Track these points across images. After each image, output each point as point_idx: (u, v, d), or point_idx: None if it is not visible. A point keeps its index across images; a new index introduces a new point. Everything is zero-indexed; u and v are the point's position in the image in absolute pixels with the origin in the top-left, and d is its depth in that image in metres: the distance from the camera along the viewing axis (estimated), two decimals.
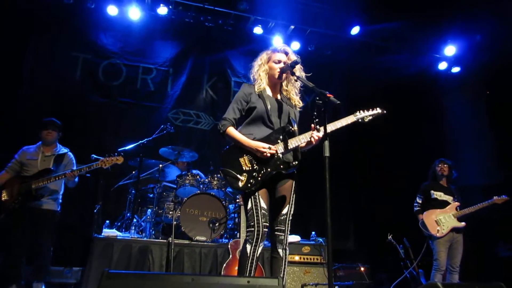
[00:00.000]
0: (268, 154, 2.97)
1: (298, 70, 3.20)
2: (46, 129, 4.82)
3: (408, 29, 7.80)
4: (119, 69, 7.55)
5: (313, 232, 6.28)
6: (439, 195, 5.41)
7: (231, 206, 6.08)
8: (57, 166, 4.77)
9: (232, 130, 3.13)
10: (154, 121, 7.28)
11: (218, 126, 3.19)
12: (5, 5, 6.49)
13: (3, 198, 4.49)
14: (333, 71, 8.63)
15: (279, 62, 3.23)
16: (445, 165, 5.53)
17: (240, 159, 3.07)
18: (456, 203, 5.31)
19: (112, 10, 6.99)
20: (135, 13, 7.06)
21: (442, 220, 5.22)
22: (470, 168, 7.11)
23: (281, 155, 3.05)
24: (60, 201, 4.83)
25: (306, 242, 5.83)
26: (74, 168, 4.76)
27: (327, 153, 2.62)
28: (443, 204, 5.34)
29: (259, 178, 2.99)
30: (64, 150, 4.95)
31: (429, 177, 5.68)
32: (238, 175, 3.02)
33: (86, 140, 6.85)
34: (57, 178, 4.56)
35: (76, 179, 4.78)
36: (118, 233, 5.38)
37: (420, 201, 5.51)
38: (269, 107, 3.16)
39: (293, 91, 3.35)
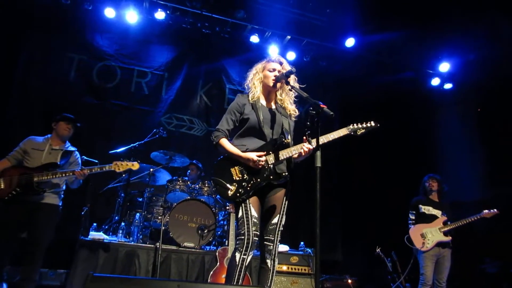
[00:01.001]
0: (260, 165, 2.97)
1: (293, 80, 3.22)
2: (67, 124, 4.56)
3: (403, 44, 7.89)
4: (114, 71, 7.53)
5: (302, 243, 6.27)
6: (427, 209, 5.43)
7: (220, 213, 6.06)
8: (64, 162, 4.47)
9: (224, 142, 3.14)
10: (147, 125, 7.25)
11: (211, 137, 3.20)
12: (2, 4, 6.45)
13: None
14: (327, 82, 8.69)
15: (274, 70, 3.26)
16: (434, 181, 5.57)
17: (231, 169, 3.08)
18: (444, 217, 5.34)
19: (109, 13, 6.98)
20: (132, 17, 7.06)
21: (428, 234, 5.24)
22: (460, 184, 7.16)
23: (272, 166, 3.05)
24: (62, 196, 4.51)
25: (294, 252, 5.82)
26: (78, 169, 4.49)
27: (318, 163, 2.62)
28: (430, 219, 5.36)
29: (249, 188, 3.00)
30: (72, 148, 4.69)
31: (420, 192, 5.71)
32: (228, 185, 3.03)
33: (77, 141, 6.78)
34: (63, 175, 4.25)
35: (81, 181, 4.50)
36: (105, 236, 5.32)
37: (413, 217, 5.50)
38: (261, 118, 3.17)
39: (287, 100, 3.36)
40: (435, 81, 8.41)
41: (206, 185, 6.19)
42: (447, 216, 5.37)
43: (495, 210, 5.21)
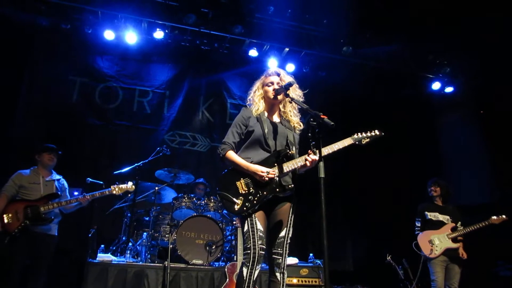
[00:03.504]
0: (266, 178, 2.97)
1: (293, 92, 3.23)
2: (49, 154, 4.75)
3: (401, 50, 7.91)
4: (115, 92, 7.61)
5: (311, 254, 6.22)
6: (433, 215, 5.36)
7: (228, 228, 6.03)
8: (60, 191, 4.75)
9: (231, 154, 3.14)
10: (150, 143, 7.29)
11: (218, 150, 3.21)
12: (4, 29, 6.56)
13: (6, 221, 4.31)
14: (328, 92, 8.70)
15: (272, 83, 3.26)
16: (436, 186, 5.51)
17: (237, 182, 3.07)
18: (451, 223, 5.27)
19: (108, 35, 7.05)
20: (131, 38, 7.13)
21: (436, 241, 5.17)
22: (465, 188, 7.11)
23: (277, 179, 3.04)
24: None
25: (304, 264, 5.78)
26: (67, 193, 4.82)
27: (322, 174, 2.61)
28: (438, 225, 5.29)
29: (255, 202, 2.99)
30: (58, 176, 4.89)
31: (427, 198, 5.66)
32: (234, 199, 3.01)
33: (82, 162, 6.85)
34: (68, 203, 4.55)
35: (78, 207, 4.74)
36: (113, 258, 5.31)
37: (419, 225, 5.44)
38: (266, 130, 3.17)
39: (291, 113, 3.36)
40: (436, 85, 8.38)
41: (212, 200, 6.18)
42: (455, 219, 5.30)
43: (504, 216, 5.13)
